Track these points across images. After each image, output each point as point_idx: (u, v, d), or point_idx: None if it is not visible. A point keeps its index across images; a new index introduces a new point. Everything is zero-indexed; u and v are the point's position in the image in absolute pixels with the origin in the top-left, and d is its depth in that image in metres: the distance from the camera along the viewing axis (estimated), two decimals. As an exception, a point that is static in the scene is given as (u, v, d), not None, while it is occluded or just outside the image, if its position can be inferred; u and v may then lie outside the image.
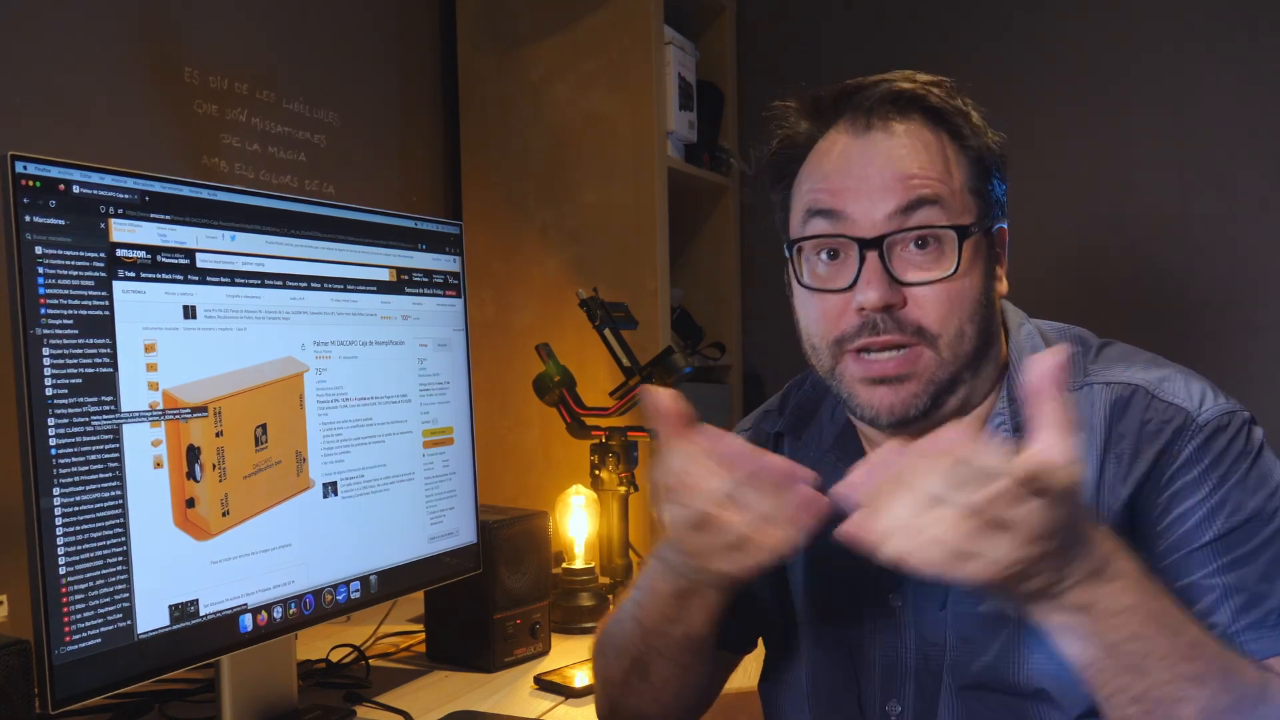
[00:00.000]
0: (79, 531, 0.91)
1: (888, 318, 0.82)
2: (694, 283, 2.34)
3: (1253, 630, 0.76)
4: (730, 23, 2.34)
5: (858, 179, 0.83)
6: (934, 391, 0.83)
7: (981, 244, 0.85)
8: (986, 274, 0.85)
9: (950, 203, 0.83)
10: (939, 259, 0.82)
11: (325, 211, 1.20)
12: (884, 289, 0.81)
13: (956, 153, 0.85)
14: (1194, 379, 0.85)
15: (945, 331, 0.82)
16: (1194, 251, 1.96)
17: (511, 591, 1.40)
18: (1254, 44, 1.90)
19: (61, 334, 0.91)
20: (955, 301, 0.82)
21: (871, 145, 0.84)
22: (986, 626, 0.83)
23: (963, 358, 0.83)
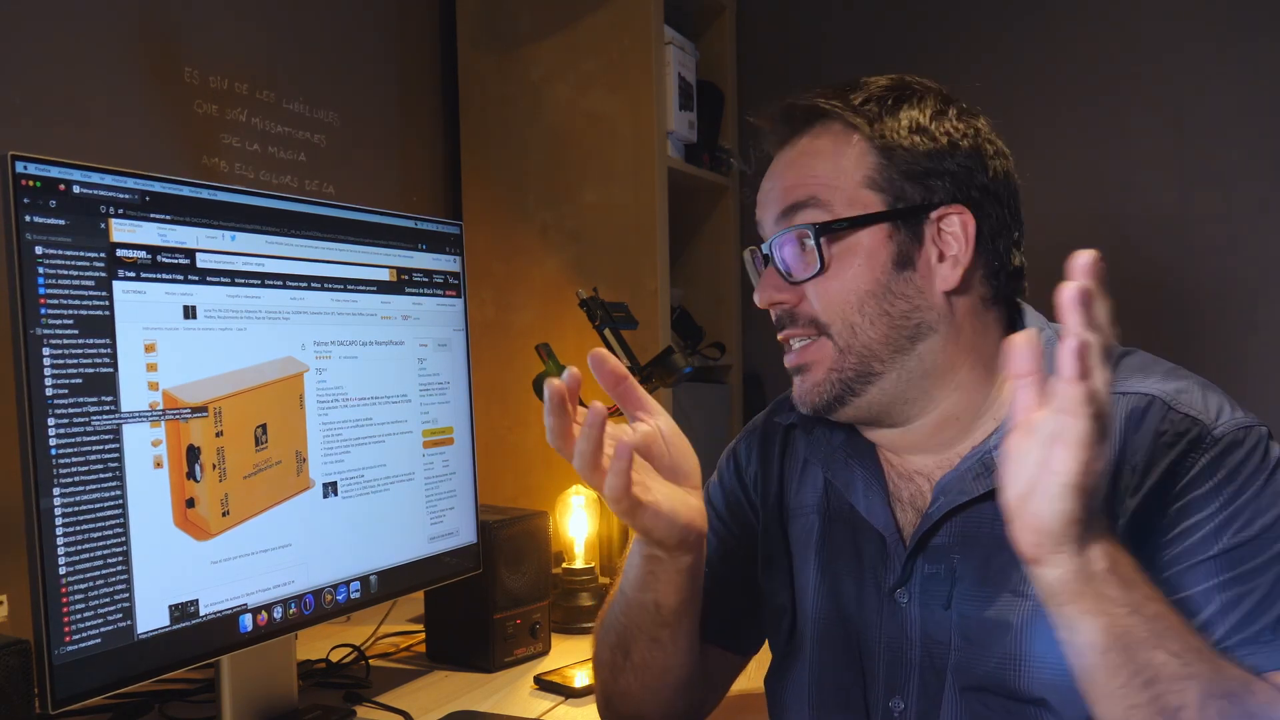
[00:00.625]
0: (79, 531, 0.91)
1: (785, 314, 0.90)
2: (694, 283, 2.33)
3: (1248, 645, 0.75)
4: (730, 23, 2.34)
5: (765, 191, 0.92)
6: (838, 380, 0.88)
7: (879, 237, 0.86)
8: (887, 267, 0.86)
9: (831, 202, 0.87)
10: (815, 257, 0.87)
11: (325, 211, 1.20)
12: (769, 290, 0.90)
13: (863, 153, 0.87)
14: (1212, 391, 0.85)
15: (832, 322, 0.88)
16: (1194, 251, 1.96)
17: (511, 591, 1.40)
18: (1254, 45, 1.90)
19: (61, 334, 0.91)
20: (832, 295, 0.87)
21: (780, 159, 0.92)
22: (990, 631, 0.83)
23: (861, 349, 0.87)
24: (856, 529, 0.93)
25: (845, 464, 0.95)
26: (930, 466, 0.91)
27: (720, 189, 2.28)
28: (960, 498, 0.86)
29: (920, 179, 0.87)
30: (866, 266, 0.86)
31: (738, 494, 1.05)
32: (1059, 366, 0.64)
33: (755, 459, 1.04)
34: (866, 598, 0.91)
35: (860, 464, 0.94)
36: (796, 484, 1.00)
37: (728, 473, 1.07)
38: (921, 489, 0.91)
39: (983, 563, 0.85)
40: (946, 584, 0.86)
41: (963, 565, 0.86)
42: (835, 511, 0.96)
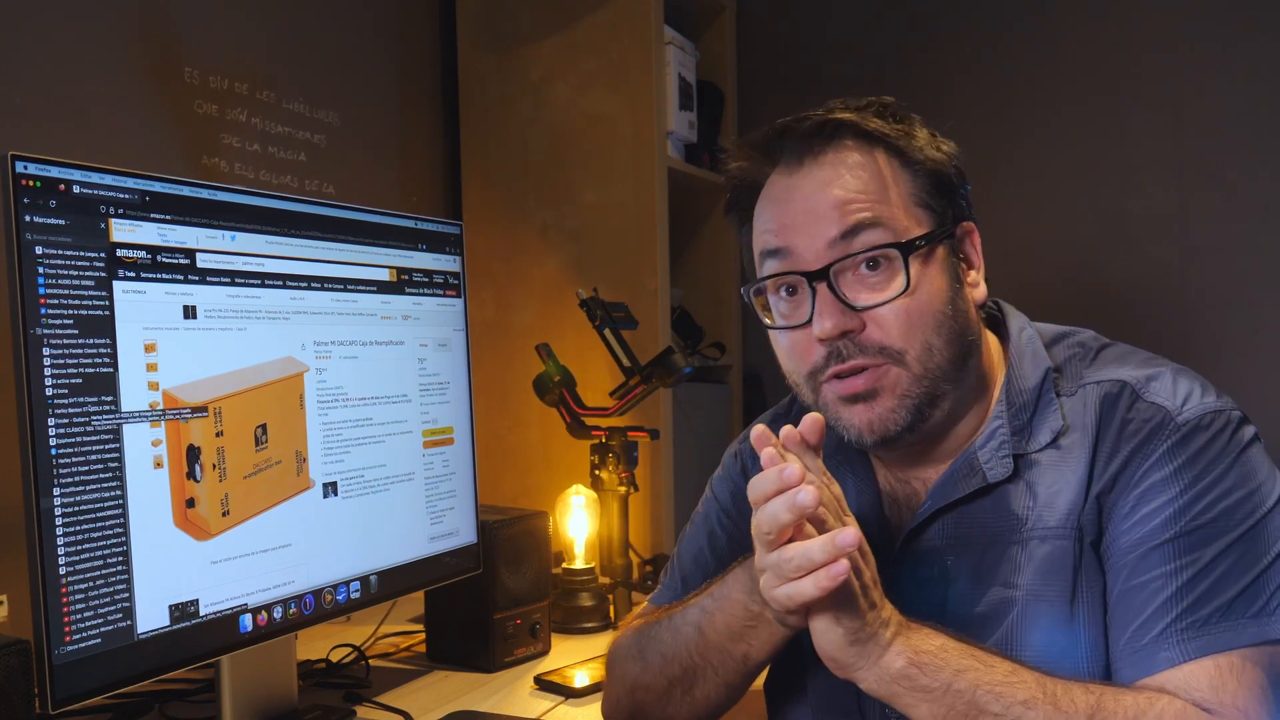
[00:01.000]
0: (79, 531, 0.91)
1: (849, 344, 0.84)
2: (694, 283, 2.33)
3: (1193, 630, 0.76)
4: (730, 23, 2.34)
5: (797, 213, 0.85)
6: (911, 406, 0.84)
7: (939, 254, 0.85)
8: (950, 283, 0.86)
9: (892, 221, 0.84)
10: (890, 279, 0.83)
11: (325, 211, 1.20)
12: (837, 317, 0.83)
13: (896, 170, 0.86)
14: (1184, 377, 0.85)
15: (910, 347, 0.83)
16: (1194, 251, 1.96)
17: (511, 591, 1.40)
18: (1254, 44, 1.90)
19: (61, 334, 0.91)
20: (914, 317, 0.83)
21: (807, 178, 0.85)
22: (984, 627, 0.84)
23: (935, 371, 0.84)
24: None
25: (837, 470, 0.95)
26: (928, 472, 0.91)
27: (720, 189, 2.27)
28: (944, 500, 0.87)
29: (948, 195, 0.87)
30: (939, 285, 0.84)
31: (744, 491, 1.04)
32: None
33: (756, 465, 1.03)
34: None
35: (852, 470, 0.95)
36: None
37: (735, 469, 1.07)
38: (917, 492, 0.92)
39: (976, 561, 0.86)
40: (940, 585, 0.86)
41: (956, 566, 0.87)
42: None
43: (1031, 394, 0.88)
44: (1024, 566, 0.84)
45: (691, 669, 0.91)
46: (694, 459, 2.03)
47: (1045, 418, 0.86)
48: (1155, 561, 0.78)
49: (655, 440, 1.76)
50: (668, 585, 1.08)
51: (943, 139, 0.89)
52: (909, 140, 0.86)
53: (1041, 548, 0.83)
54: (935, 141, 0.88)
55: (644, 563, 1.79)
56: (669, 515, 1.91)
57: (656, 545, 1.89)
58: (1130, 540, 0.80)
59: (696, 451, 2.06)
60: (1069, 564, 0.82)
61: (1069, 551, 0.82)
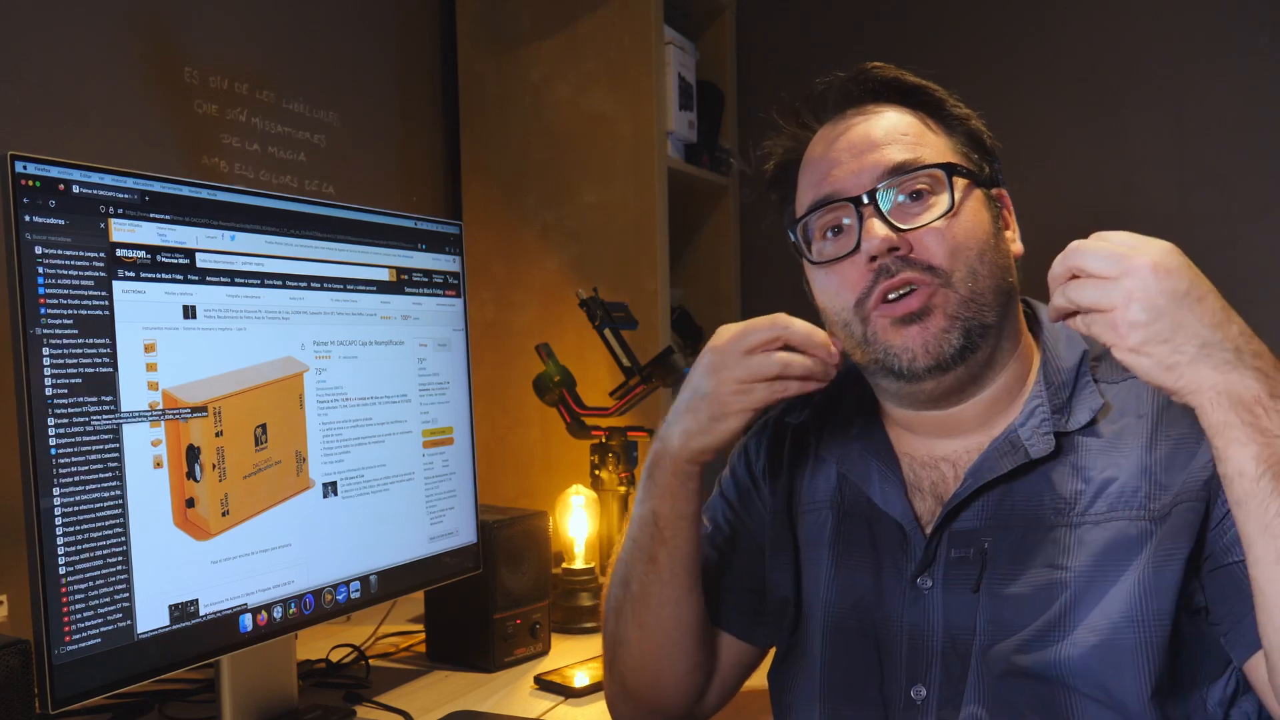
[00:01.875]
0: (79, 531, 0.91)
1: (898, 261, 0.85)
2: (694, 283, 2.34)
3: None
4: (730, 23, 2.34)
5: (841, 155, 0.89)
6: (962, 329, 0.85)
7: (979, 194, 0.89)
8: (993, 221, 0.89)
9: (934, 157, 0.88)
10: (934, 205, 0.86)
11: (325, 211, 1.20)
12: (886, 231, 0.85)
13: (937, 124, 0.91)
14: None
15: (956, 268, 0.85)
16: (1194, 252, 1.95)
17: (511, 591, 1.40)
18: (1254, 44, 1.90)
19: (61, 334, 0.91)
20: (960, 239, 0.86)
21: (848, 132, 0.90)
22: (1023, 609, 0.83)
23: (981, 297, 0.86)
24: (872, 521, 0.93)
25: (860, 457, 0.95)
26: (958, 452, 0.91)
27: (720, 189, 2.28)
28: (989, 475, 0.87)
29: (986, 156, 0.92)
30: (982, 218, 0.88)
31: (749, 485, 1.05)
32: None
33: (764, 454, 1.04)
34: (886, 587, 0.91)
35: (876, 457, 0.94)
36: (808, 480, 1.00)
37: (740, 465, 1.07)
38: (945, 475, 0.91)
39: (1016, 543, 0.86)
40: (975, 567, 0.86)
41: (995, 547, 0.86)
42: (850, 505, 0.96)
43: (1069, 374, 0.89)
44: (1074, 550, 0.83)
45: (626, 561, 0.98)
46: (694, 459, 2.03)
47: (1083, 398, 0.88)
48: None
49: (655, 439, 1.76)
50: None
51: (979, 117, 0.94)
52: (947, 101, 0.91)
53: (1096, 531, 0.83)
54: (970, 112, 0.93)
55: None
56: (669, 515, 1.91)
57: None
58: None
59: (696, 451, 2.06)
60: (1131, 545, 0.81)
61: (1132, 532, 0.82)
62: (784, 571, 0.98)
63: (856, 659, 0.91)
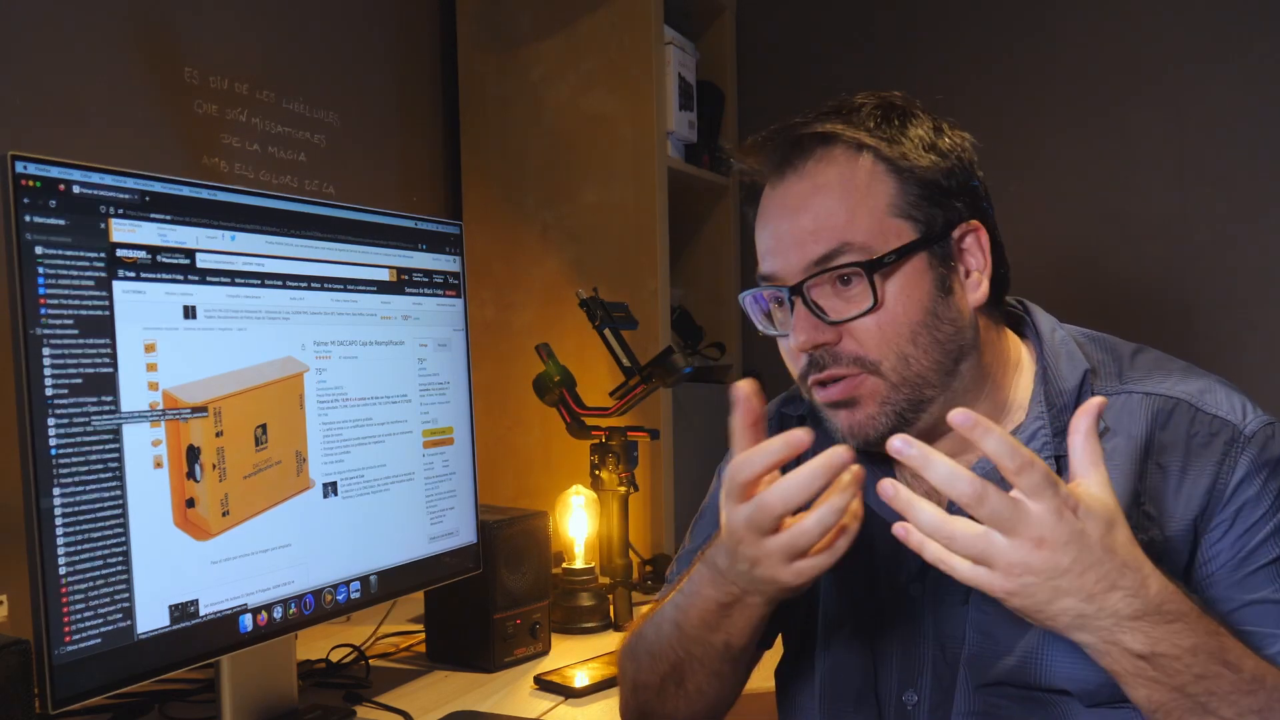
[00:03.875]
0: (79, 531, 0.91)
1: (826, 354, 0.86)
2: (694, 283, 2.33)
3: None
4: (730, 23, 2.34)
5: (776, 237, 0.88)
6: (892, 412, 0.85)
7: (919, 265, 0.85)
8: (933, 293, 0.85)
9: (863, 240, 0.84)
10: (863, 294, 0.84)
11: (325, 211, 1.20)
12: (810, 332, 0.85)
13: (881, 177, 0.85)
14: (1232, 390, 0.87)
15: (884, 358, 0.85)
16: (1194, 251, 1.96)
17: (511, 591, 1.40)
18: (1254, 44, 1.90)
19: (61, 334, 0.91)
20: (887, 330, 0.84)
21: (784, 196, 0.88)
22: (1010, 624, 0.83)
23: (914, 378, 0.85)
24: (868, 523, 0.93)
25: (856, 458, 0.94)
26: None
27: (720, 189, 2.28)
28: None
29: (940, 200, 0.86)
30: (915, 297, 0.85)
31: None
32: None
33: None
34: (879, 591, 0.91)
35: (871, 460, 0.93)
36: None
37: None
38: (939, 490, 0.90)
39: None
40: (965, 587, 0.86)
41: None
42: None
43: (1071, 395, 0.88)
44: None
45: (678, 663, 0.92)
46: (694, 459, 2.03)
47: None
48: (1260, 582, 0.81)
49: (655, 440, 1.76)
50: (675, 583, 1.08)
51: (951, 133, 0.88)
52: (898, 147, 0.86)
53: None
54: (936, 139, 0.87)
55: (644, 563, 1.79)
56: (669, 515, 1.91)
57: (656, 545, 1.89)
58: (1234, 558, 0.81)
59: (696, 451, 2.06)
60: None
61: None
62: None
63: (854, 662, 0.92)
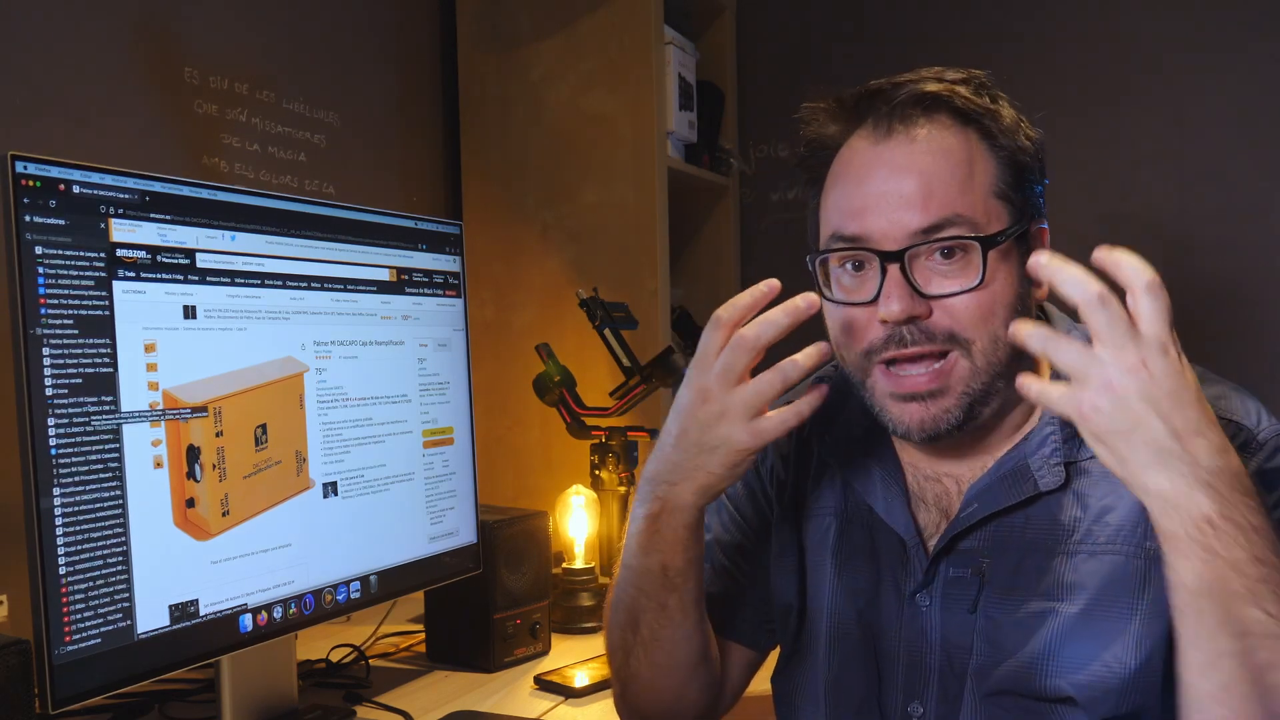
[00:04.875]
0: (79, 531, 0.91)
1: (914, 329, 0.81)
2: (694, 283, 2.33)
3: None
4: (730, 23, 2.34)
5: (877, 197, 0.82)
6: (968, 404, 0.82)
7: (1012, 250, 0.83)
8: (1021, 280, 0.83)
9: (973, 213, 0.81)
10: (965, 269, 0.80)
11: (325, 211, 1.20)
12: (907, 301, 0.80)
13: (984, 155, 0.83)
14: (1246, 396, 0.85)
15: (979, 338, 0.81)
16: (1194, 251, 1.96)
17: (511, 591, 1.40)
18: (1254, 44, 1.90)
19: (61, 334, 0.91)
20: (986, 309, 0.81)
21: (892, 156, 0.82)
22: (1020, 636, 0.83)
23: (997, 365, 0.82)
24: (874, 531, 0.92)
25: (864, 465, 0.93)
26: (960, 469, 0.89)
27: (720, 189, 2.28)
28: (995, 505, 0.85)
29: (1028, 189, 0.85)
30: (1011, 280, 0.82)
31: (755, 487, 1.02)
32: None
33: (772, 453, 1.01)
34: (885, 601, 0.90)
35: (880, 465, 0.92)
36: (812, 485, 0.98)
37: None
38: (949, 490, 0.89)
39: (1014, 567, 0.84)
40: (973, 588, 0.85)
41: (992, 569, 0.85)
42: (853, 513, 0.94)
43: None
44: (1068, 579, 0.82)
45: (631, 606, 0.92)
46: (694, 459, 2.03)
47: None
48: None
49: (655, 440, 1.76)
50: None
51: (1029, 125, 0.87)
52: (997, 122, 0.84)
53: (1091, 562, 0.82)
54: (1022, 127, 0.86)
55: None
56: (669, 515, 1.91)
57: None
58: None
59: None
60: (1124, 581, 0.80)
61: (1124, 568, 0.81)
62: (789, 577, 0.97)
63: (858, 671, 0.91)
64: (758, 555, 1.02)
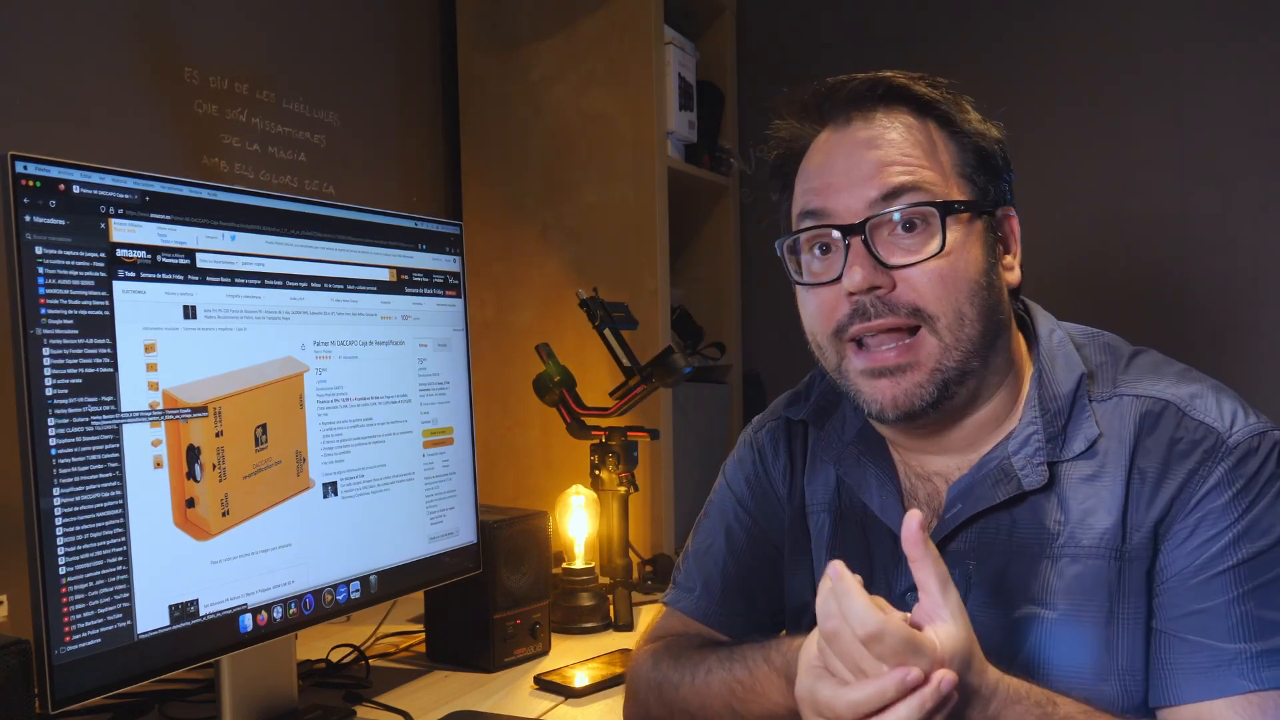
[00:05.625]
0: (79, 531, 0.91)
1: (879, 301, 0.82)
2: (694, 283, 2.34)
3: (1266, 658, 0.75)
4: (730, 23, 2.34)
5: (839, 173, 0.84)
6: (940, 380, 0.82)
7: (978, 226, 0.84)
8: (986, 257, 0.84)
9: (933, 185, 0.82)
10: (926, 241, 0.82)
11: (325, 211, 1.20)
12: (867, 270, 0.81)
13: (945, 139, 0.85)
14: (1225, 396, 0.84)
15: (943, 312, 0.81)
16: (1194, 251, 1.96)
17: (511, 591, 1.40)
18: (1254, 44, 1.90)
19: (61, 334, 0.91)
20: (948, 280, 0.81)
21: (851, 138, 0.85)
22: (1006, 639, 0.83)
23: (967, 342, 0.82)
24: (868, 528, 0.92)
25: (858, 461, 0.93)
26: (949, 468, 0.90)
27: (720, 189, 2.28)
28: (979, 505, 0.85)
29: (993, 175, 0.86)
30: (975, 255, 0.83)
31: (764, 484, 1.02)
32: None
33: (783, 450, 1.02)
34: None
35: (874, 462, 0.93)
36: (807, 481, 0.98)
37: (751, 462, 1.04)
38: (939, 489, 0.90)
39: (1000, 571, 0.84)
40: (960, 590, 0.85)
41: (979, 573, 0.85)
42: (846, 510, 0.94)
43: (1066, 400, 0.86)
44: (1053, 584, 0.82)
45: (719, 695, 0.89)
46: (694, 459, 2.03)
47: (1080, 425, 0.85)
48: (1219, 588, 0.77)
49: (655, 440, 1.76)
50: (684, 587, 1.06)
51: (992, 123, 0.88)
52: (959, 112, 0.86)
53: (1073, 566, 0.82)
54: (986, 119, 0.88)
55: (644, 563, 1.79)
56: (669, 515, 1.91)
57: (656, 545, 1.89)
58: (1190, 566, 0.79)
59: (696, 451, 2.06)
60: (1105, 586, 0.81)
61: (1105, 573, 0.81)
62: (804, 575, 0.97)
63: None
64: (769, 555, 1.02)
